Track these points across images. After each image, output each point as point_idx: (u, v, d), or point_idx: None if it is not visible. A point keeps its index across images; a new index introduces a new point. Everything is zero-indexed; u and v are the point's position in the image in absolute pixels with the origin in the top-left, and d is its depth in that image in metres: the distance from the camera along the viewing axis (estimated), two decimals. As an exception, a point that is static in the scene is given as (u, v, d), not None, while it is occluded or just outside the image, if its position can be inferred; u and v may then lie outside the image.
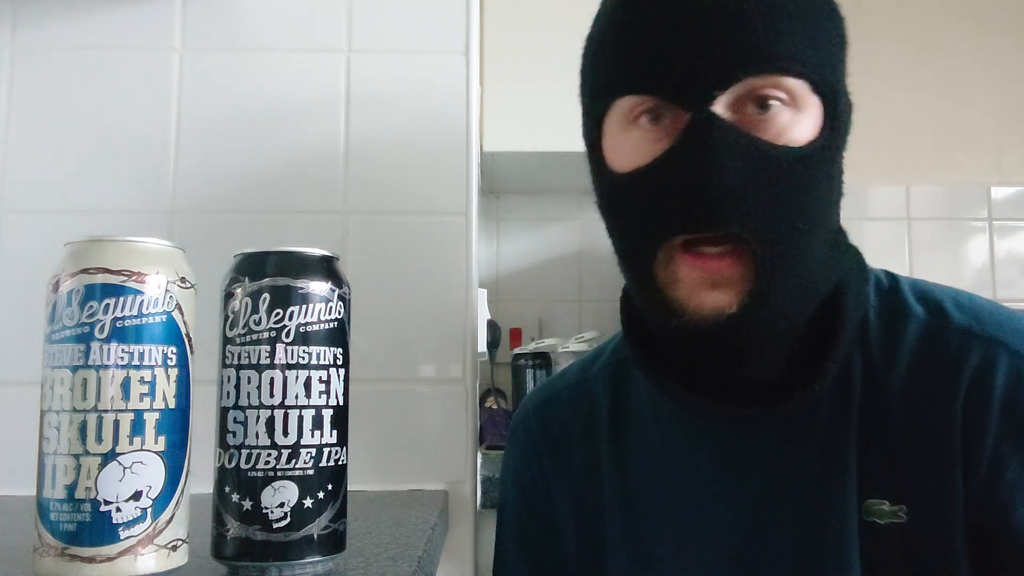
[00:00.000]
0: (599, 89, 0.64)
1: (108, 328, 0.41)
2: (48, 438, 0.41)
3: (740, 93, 0.57)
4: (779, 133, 0.58)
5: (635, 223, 0.62)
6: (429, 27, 0.85)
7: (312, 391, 0.45)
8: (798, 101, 0.58)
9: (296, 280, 0.45)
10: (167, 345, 0.43)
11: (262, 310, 0.45)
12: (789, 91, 0.58)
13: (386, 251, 0.82)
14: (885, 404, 0.62)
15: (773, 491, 0.64)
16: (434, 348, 0.82)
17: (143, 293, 0.42)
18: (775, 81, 0.57)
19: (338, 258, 0.50)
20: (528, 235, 2.05)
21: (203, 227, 0.82)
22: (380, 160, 0.84)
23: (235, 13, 0.85)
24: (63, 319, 0.41)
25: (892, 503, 0.60)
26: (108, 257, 0.42)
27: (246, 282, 0.45)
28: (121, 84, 0.83)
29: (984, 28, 2.11)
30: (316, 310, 0.46)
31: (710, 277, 0.58)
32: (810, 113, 0.59)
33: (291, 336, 0.45)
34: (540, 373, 1.77)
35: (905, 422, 0.61)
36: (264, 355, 0.45)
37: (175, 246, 0.45)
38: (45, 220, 0.81)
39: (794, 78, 0.58)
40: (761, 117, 0.58)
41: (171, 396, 0.43)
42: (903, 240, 2.04)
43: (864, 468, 0.61)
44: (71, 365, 0.41)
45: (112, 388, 0.41)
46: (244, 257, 0.47)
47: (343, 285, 0.48)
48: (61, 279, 0.42)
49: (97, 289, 0.41)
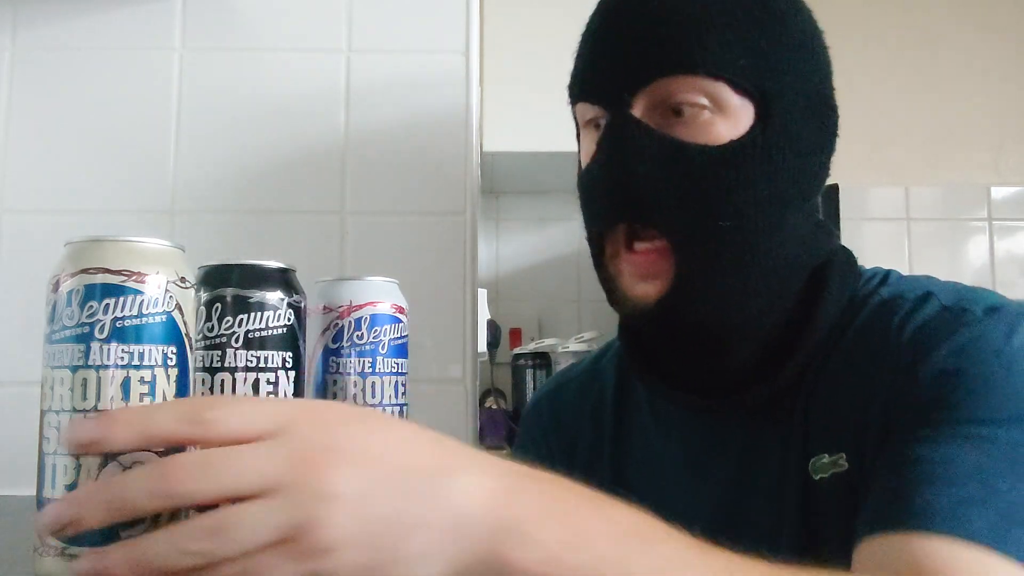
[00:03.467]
0: (569, 94, 0.69)
1: (108, 328, 0.41)
2: (48, 438, 0.41)
3: (656, 97, 0.61)
4: (695, 134, 0.60)
5: (585, 219, 0.67)
6: (429, 27, 0.85)
7: (260, 392, 0.49)
8: (719, 102, 0.60)
9: (244, 290, 0.50)
10: (167, 345, 0.43)
11: (214, 318, 0.49)
12: (707, 94, 0.60)
13: (386, 251, 0.82)
14: (831, 371, 0.64)
15: (747, 470, 0.67)
16: (434, 348, 0.82)
17: (143, 293, 0.42)
18: (689, 83, 0.60)
19: (293, 270, 0.53)
20: (528, 235, 2.05)
21: (203, 227, 0.82)
22: (380, 160, 0.84)
23: (235, 13, 0.85)
24: (63, 319, 0.41)
25: (831, 454, 0.62)
26: (108, 257, 0.42)
27: (202, 292, 0.50)
28: (121, 84, 0.83)
29: (983, 29, 2.11)
30: (264, 318, 0.50)
31: (639, 271, 0.63)
32: (735, 113, 0.61)
33: (239, 341, 0.49)
34: (540, 373, 1.77)
35: (847, 381, 0.63)
36: (215, 359, 0.49)
37: (175, 246, 0.45)
38: (45, 220, 0.81)
39: (710, 79, 0.60)
40: (676, 120, 0.61)
41: (171, 396, 0.43)
42: (903, 240, 2.04)
43: (807, 432, 0.64)
44: (71, 365, 0.41)
45: (112, 388, 0.41)
46: (202, 270, 0.51)
47: (295, 294, 0.52)
48: (61, 279, 0.42)
49: (97, 289, 0.41)
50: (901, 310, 0.62)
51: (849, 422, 0.62)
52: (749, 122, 0.61)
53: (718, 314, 0.63)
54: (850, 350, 0.64)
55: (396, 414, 0.58)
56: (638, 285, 0.63)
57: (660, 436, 0.74)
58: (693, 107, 0.60)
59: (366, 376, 0.57)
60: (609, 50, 0.63)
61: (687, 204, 0.60)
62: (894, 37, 2.09)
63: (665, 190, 0.60)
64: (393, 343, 0.58)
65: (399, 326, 0.59)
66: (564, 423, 0.81)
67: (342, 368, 0.56)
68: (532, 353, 1.80)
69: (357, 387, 0.56)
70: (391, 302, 0.58)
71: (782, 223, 0.62)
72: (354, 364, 0.56)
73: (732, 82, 0.60)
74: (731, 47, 0.60)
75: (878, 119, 2.06)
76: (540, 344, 1.83)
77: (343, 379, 0.56)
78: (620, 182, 0.60)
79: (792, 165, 0.62)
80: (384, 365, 0.57)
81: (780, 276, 0.64)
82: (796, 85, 0.63)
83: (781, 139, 0.61)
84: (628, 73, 0.61)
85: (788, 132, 0.62)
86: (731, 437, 0.69)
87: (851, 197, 1.99)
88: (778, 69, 0.62)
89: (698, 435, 0.71)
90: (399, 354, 0.59)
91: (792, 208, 0.63)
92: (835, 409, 0.63)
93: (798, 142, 0.63)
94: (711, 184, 0.60)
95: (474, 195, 0.85)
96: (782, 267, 0.63)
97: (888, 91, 2.06)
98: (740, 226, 0.61)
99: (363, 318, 0.57)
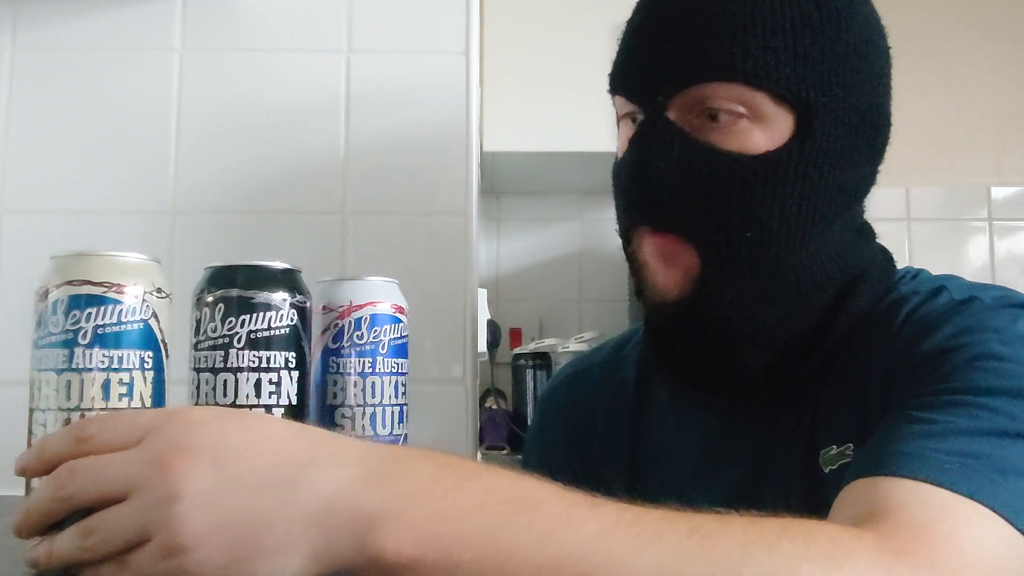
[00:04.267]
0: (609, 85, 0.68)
1: (90, 335, 0.45)
2: (36, 434, 0.45)
3: (691, 99, 0.59)
4: (730, 141, 0.58)
5: (616, 210, 0.66)
6: (429, 27, 0.85)
7: (262, 392, 0.49)
8: (756, 111, 0.58)
9: (247, 291, 0.50)
10: (144, 350, 0.47)
11: (217, 318, 0.50)
12: (745, 102, 0.58)
13: (386, 251, 0.82)
14: (842, 364, 0.63)
15: (760, 468, 0.67)
16: (434, 348, 0.82)
17: (122, 303, 0.46)
18: (726, 90, 0.57)
19: (299, 270, 0.53)
20: (528, 235, 2.05)
21: (203, 227, 0.82)
22: (380, 160, 0.84)
23: (235, 13, 0.85)
24: (49, 326, 0.46)
25: (839, 445, 0.61)
26: (91, 270, 0.46)
27: (205, 293, 0.51)
28: (121, 84, 0.83)
29: (983, 29, 2.11)
30: (267, 318, 0.50)
31: (660, 251, 0.61)
32: (773, 124, 0.58)
33: (242, 342, 0.49)
34: (540, 373, 1.77)
35: (854, 372, 0.62)
36: (218, 359, 0.50)
37: (152, 259, 0.49)
38: (45, 220, 0.81)
39: (750, 88, 0.57)
40: (711, 125, 0.59)
41: (147, 396, 0.47)
42: (903, 241, 2.04)
43: (817, 425, 0.63)
44: (56, 368, 0.45)
45: (94, 389, 0.45)
46: (208, 271, 0.52)
47: (298, 295, 0.52)
48: (49, 290, 0.46)
49: (81, 299, 0.45)
50: (910, 304, 0.61)
51: (854, 411, 0.61)
52: (788, 133, 0.58)
53: (734, 319, 0.62)
54: (859, 345, 0.63)
55: (396, 414, 0.58)
56: (662, 272, 0.61)
57: (678, 432, 0.73)
58: (730, 114, 0.58)
59: (366, 376, 0.57)
60: (648, 46, 0.60)
61: (712, 211, 0.58)
62: (894, 37, 2.09)
63: (691, 195, 0.58)
64: (393, 343, 0.58)
65: (399, 326, 0.59)
66: (581, 411, 0.81)
67: (342, 368, 0.57)
68: (532, 353, 1.80)
69: (357, 387, 0.56)
70: (391, 302, 0.58)
71: (809, 240, 0.60)
72: (354, 364, 0.56)
73: (774, 92, 0.57)
74: (776, 53, 0.57)
75: (878, 119, 2.05)
76: (540, 344, 1.83)
77: (343, 379, 0.56)
78: (645, 184, 0.59)
79: (829, 181, 0.60)
80: (384, 365, 0.57)
81: (803, 291, 0.62)
82: (846, 97, 0.60)
83: (820, 155, 0.59)
84: (664, 75, 0.59)
85: (829, 148, 0.59)
86: (745, 435, 0.68)
87: (851, 197, 1.99)
88: (827, 80, 0.59)
89: (714, 433, 0.71)
90: (399, 354, 0.59)
91: (824, 223, 0.61)
92: (841, 401, 0.62)
93: (839, 157, 0.60)
94: (738, 194, 0.58)
95: (474, 195, 0.85)
96: (805, 283, 0.62)
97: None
98: (762, 239, 0.59)
99: (363, 318, 0.57)
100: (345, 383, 0.56)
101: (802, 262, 0.61)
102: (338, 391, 0.57)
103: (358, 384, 0.56)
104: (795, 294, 0.62)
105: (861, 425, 0.60)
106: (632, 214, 0.63)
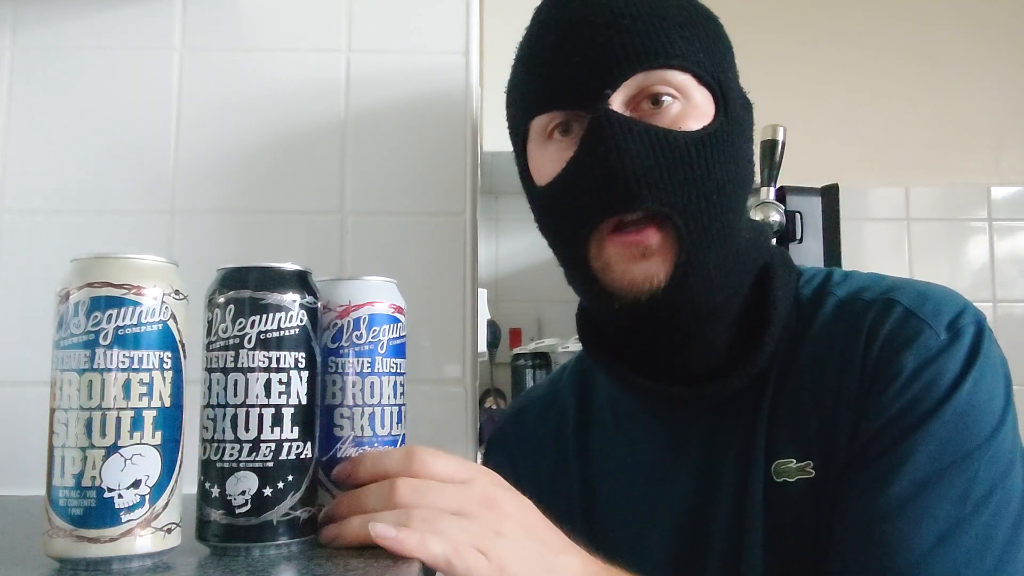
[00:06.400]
0: (520, 112, 0.71)
1: (111, 335, 0.46)
2: (58, 433, 0.46)
3: (632, 91, 0.64)
4: (672, 122, 0.64)
5: (564, 225, 0.68)
6: (429, 27, 0.85)
7: (272, 391, 0.50)
8: (686, 93, 0.64)
9: (257, 292, 0.51)
10: (163, 350, 0.47)
11: (228, 319, 0.51)
12: (677, 85, 0.64)
13: (386, 251, 0.82)
14: (796, 371, 0.67)
15: (710, 470, 0.69)
16: (433, 348, 0.82)
17: (141, 304, 0.47)
18: (661, 76, 0.63)
19: (310, 272, 0.54)
20: (528, 235, 2.04)
21: (203, 227, 0.82)
22: (379, 160, 0.84)
23: (235, 13, 0.85)
24: (70, 327, 0.46)
25: (799, 460, 0.64)
26: (111, 272, 0.47)
27: (217, 295, 0.52)
28: (121, 84, 0.83)
29: (982, 29, 2.11)
30: (276, 319, 0.51)
31: (637, 249, 0.63)
32: (700, 103, 0.65)
33: (252, 342, 0.50)
34: (540, 373, 1.77)
35: (814, 384, 0.65)
36: (229, 359, 0.50)
37: (170, 262, 0.49)
38: (45, 220, 0.81)
39: (679, 72, 0.64)
40: (655, 110, 0.64)
41: (167, 396, 0.47)
42: (903, 241, 2.04)
43: (772, 433, 0.66)
44: (78, 368, 0.46)
45: (115, 389, 0.46)
46: (220, 272, 0.53)
47: (308, 296, 0.53)
48: (69, 292, 0.47)
49: (101, 301, 0.46)
50: (867, 316, 0.65)
51: (817, 430, 0.64)
52: (712, 112, 0.65)
53: (709, 292, 0.65)
54: (815, 353, 0.66)
55: (394, 414, 0.58)
56: (637, 266, 0.64)
57: (625, 447, 0.75)
58: (669, 97, 0.64)
59: (365, 376, 0.57)
60: (578, 54, 0.64)
61: (681, 184, 0.62)
62: (894, 37, 2.09)
63: (660, 172, 0.62)
64: (392, 343, 0.58)
65: (398, 326, 0.59)
66: (527, 444, 0.83)
67: (341, 368, 0.57)
68: (532, 353, 1.80)
69: (356, 387, 0.56)
70: (389, 302, 0.58)
71: (743, 206, 0.67)
72: (352, 364, 0.57)
73: (696, 75, 0.65)
74: (691, 42, 0.65)
75: (878, 119, 2.06)
76: (540, 344, 1.83)
77: (342, 379, 0.57)
78: (612, 173, 0.61)
79: (744, 152, 0.68)
80: (383, 365, 0.57)
81: (743, 259, 0.67)
82: (733, 81, 0.69)
83: (735, 128, 0.66)
84: (605, 70, 0.63)
85: (739, 121, 0.67)
86: (694, 438, 0.70)
87: (851, 197, 1.99)
88: (722, 64, 0.67)
89: (662, 439, 0.72)
90: (398, 354, 0.59)
91: (745, 195, 0.68)
92: (802, 414, 0.65)
93: (744, 131, 0.68)
94: (696, 164, 0.63)
95: (474, 195, 0.85)
96: (744, 249, 0.67)
97: (888, 91, 2.06)
98: (728, 204, 0.64)
99: (362, 318, 0.57)
100: (344, 383, 0.57)
101: (743, 228, 0.67)
102: (336, 391, 0.57)
103: (356, 384, 0.57)
104: (739, 265, 0.67)
105: (825, 447, 0.64)
106: (600, 209, 0.64)
